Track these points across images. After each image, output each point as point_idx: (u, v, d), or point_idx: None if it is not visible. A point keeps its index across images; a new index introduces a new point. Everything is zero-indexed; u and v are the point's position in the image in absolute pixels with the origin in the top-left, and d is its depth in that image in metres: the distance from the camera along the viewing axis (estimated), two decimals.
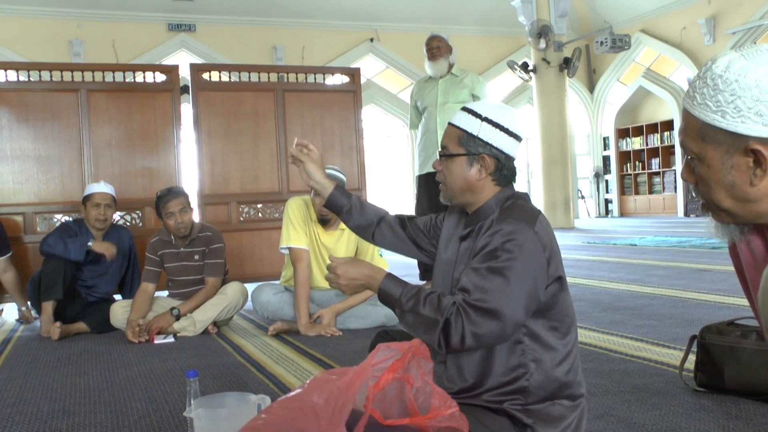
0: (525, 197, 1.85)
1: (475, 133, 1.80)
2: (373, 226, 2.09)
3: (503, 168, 1.82)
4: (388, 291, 1.75)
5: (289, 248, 4.08)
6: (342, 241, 4.15)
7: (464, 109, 1.86)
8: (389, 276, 1.78)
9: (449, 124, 1.87)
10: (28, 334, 4.48)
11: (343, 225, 4.10)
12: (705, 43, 14.88)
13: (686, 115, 1.24)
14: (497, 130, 1.80)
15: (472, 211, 1.85)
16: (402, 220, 2.10)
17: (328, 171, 3.94)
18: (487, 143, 1.79)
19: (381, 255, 4.18)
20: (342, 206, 2.07)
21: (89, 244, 4.30)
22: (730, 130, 1.15)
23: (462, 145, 1.81)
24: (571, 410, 1.74)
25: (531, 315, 1.69)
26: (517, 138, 1.84)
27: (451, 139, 1.84)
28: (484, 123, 1.80)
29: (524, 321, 1.67)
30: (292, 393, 1.46)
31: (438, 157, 1.90)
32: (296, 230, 4.06)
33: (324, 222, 4.10)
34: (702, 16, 14.91)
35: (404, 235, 2.08)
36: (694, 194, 1.39)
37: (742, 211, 1.22)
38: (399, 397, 1.49)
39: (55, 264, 4.31)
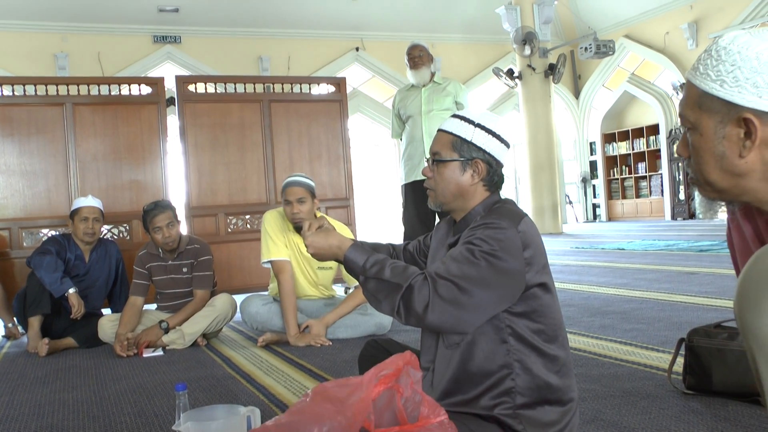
0: (512, 203, 1.87)
1: (468, 139, 1.83)
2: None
3: (494, 174, 1.85)
4: (353, 259, 1.77)
5: (271, 262, 4.09)
6: None
7: (455, 116, 1.88)
8: (356, 245, 1.81)
9: (440, 130, 1.89)
10: (15, 350, 4.45)
11: None
12: (688, 48, 15.01)
13: (688, 86, 1.27)
14: (490, 135, 1.83)
15: (460, 218, 1.87)
16: (396, 251, 2.13)
17: (295, 178, 4.02)
18: (480, 148, 1.83)
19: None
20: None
21: (70, 291, 4.23)
22: (726, 99, 1.19)
23: (456, 150, 1.83)
24: (562, 415, 1.74)
25: (515, 315, 1.70)
26: (507, 144, 1.88)
27: (444, 145, 1.86)
28: (477, 129, 1.83)
29: (492, 311, 1.67)
30: (291, 417, 1.44)
31: (425, 165, 1.91)
32: (275, 243, 4.07)
33: (300, 230, 4.11)
34: (684, 21, 15.03)
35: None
36: (687, 170, 1.42)
37: (728, 185, 1.24)
38: (389, 406, 1.49)
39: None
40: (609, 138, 17.91)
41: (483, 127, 1.83)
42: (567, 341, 1.82)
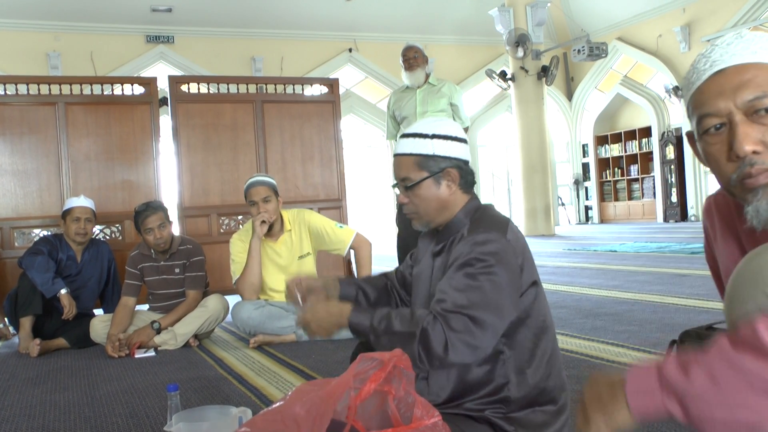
0: (491, 207, 1.87)
1: (431, 153, 1.80)
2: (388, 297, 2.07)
3: (466, 174, 1.84)
4: (358, 322, 1.70)
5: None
6: (295, 242, 4.22)
7: (405, 135, 1.85)
8: (356, 308, 1.75)
9: (397, 155, 1.85)
10: (6, 351, 4.43)
11: (288, 226, 4.21)
12: (680, 51, 15.06)
13: (749, 69, 1.17)
14: (448, 141, 1.81)
15: (444, 227, 1.86)
16: (389, 278, 2.10)
17: (258, 179, 4.14)
18: (446, 157, 1.80)
19: (341, 227, 4.23)
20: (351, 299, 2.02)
21: (62, 291, 4.21)
22: None
23: (423, 168, 1.80)
24: (554, 416, 1.75)
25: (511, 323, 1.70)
26: (466, 142, 1.87)
27: (409, 167, 1.82)
28: (435, 139, 1.80)
29: (503, 328, 1.66)
30: (275, 405, 1.46)
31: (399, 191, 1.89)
32: (240, 264, 4.20)
33: (271, 227, 4.17)
34: (677, 24, 15.09)
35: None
36: (750, 169, 1.15)
37: None
38: (381, 407, 1.49)
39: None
40: (601, 140, 17.96)
41: (439, 136, 1.81)
42: (555, 339, 1.82)
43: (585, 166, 18.43)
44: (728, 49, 1.19)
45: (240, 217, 6.08)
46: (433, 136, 1.80)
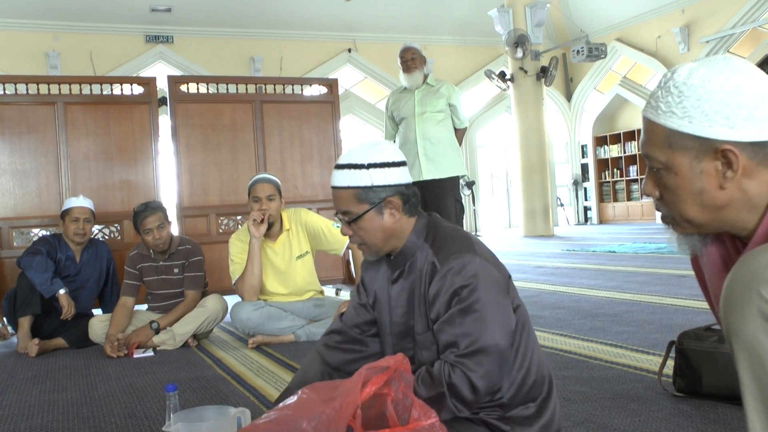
0: (441, 222, 1.84)
1: (369, 184, 1.75)
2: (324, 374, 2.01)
3: (409, 197, 1.80)
4: None
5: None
6: (293, 242, 4.22)
7: (341, 167, 1.78)
8: None
9: (335, 188, 1.80)
10: (5, 350, 4.42)
11: (287, 225, 4.19)
12: (680, 52, 15.06)
13: (650, 126, 1.24)
14: (385, 168, 1.76)
15: (398, 253, 1.83)
16: (339, 333, 2.03)
17: (264, 176, 4.14)
18: (385, 186, 1.76)
19: (337, 226, 4.22)
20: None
21: (61, 291, 4.21)
22: (698, 135, 1.17)
23: (363, 200, 1.76)
24: (542, 405, 1.78)
25: None
26: (404, 164, 1.81)
27: (348, 201, 1.77)
28: (371, 169, 1.75)
29: (513, 327, 1.69)
30: (280, 413, 1.45)
31: (340, 226, 1.87)
32: (240, 264, 4.17)
33: (271, 226, 4.14)
34: (676, 25, 15.09)
35: (360, 338, 2.00)
36: (657, 208, 1.39)
37: (708, 219, 1.22)
38: (378, 408, 1.49)
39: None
40: (600, 141, 17.96)
41: (375, 165, 1.75)
42: (532, 328, 1.83)
43: (584, 167, 18.43)
44: (654, 95, 1.24)
45: (239, 217, 6.09)
46: (369, 166, 1.74)
